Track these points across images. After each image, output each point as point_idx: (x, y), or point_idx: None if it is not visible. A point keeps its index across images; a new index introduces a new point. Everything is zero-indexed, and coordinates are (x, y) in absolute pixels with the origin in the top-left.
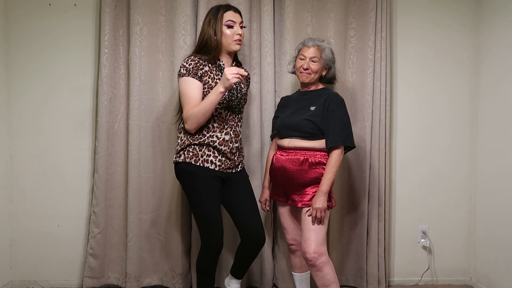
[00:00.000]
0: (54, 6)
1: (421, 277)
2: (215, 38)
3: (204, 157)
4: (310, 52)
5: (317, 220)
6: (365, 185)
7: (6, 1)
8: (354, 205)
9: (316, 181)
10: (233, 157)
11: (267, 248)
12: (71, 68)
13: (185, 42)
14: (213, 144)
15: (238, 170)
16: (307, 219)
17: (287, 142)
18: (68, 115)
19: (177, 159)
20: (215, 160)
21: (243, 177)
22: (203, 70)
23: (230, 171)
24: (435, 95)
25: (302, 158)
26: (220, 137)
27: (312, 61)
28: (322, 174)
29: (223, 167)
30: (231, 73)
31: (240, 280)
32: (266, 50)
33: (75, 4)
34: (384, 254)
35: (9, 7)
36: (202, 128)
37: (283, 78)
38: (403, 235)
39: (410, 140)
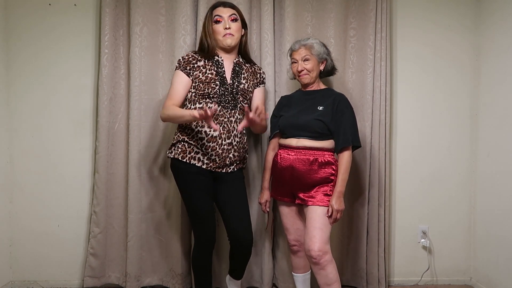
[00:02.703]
0: (54, 6)
1: (421, 277)
2: (206, 38)
3: (192, 154)
4: (299, 53)
5: (332, 220)
6: (365, 185)
7: (6, 1)
8: (354, 205)
9: (325, 181)
10: (224, 154)
11: (267, 248)
12: (71, 68)
13: (185, 42)
14: (202, 141)
15: (229, 170)
16: (313, 218)
17: (295, 141)
18: (68, 115)
19: (169, 154)
20: (203, 158)
21: (235, 177)
22: (196, 65)
23: (219, 170)
24: (435, 95)
25: (312, 158)
26: (209, 133)
27: (305, 60)
28: (330, 174)
29: (211, 166)
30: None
31: (239, 281)
32: (266, 50)
33: (75, 4)
34: (384, 254)
35: (9, 7)
36: (191, 122)
37: (283, 78)
38: (403, 235)
39: (410, 140)
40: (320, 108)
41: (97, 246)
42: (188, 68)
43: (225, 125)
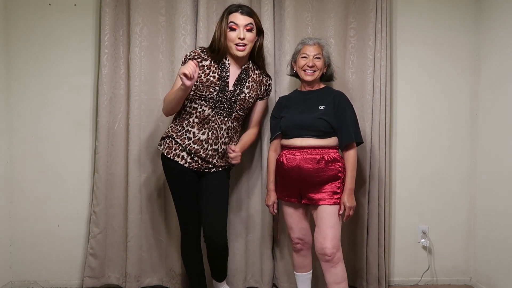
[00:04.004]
0: (54, 6)
1: (421, 277)
2: (219, 41)
3: (177, 151)
4: (312, 50)
5: (345, 217)
6: (365, 185)
7: (6, 1)
8: None
9: (333, 178)
10: (208, 158)
11: (267, 248)
12: (71, 68)
13: (185, 42)
14: (189, 141)
15: (212, 170)
16: (324, 217)
17: (299, 141)
18: (68, 115)
19: (158, 147)
20: (186, 157)
21: (218, 177)
22: (200, 64)
23: (201, 170)
24: (435, 95)
25: (318, 156)
26: (197, 136)
27: (316, 58)
28: (338, 171)
29: (193, 166)
30: (181, 72)
31: (222, 282)
32: (266, 50)
33: (75, 4)
34: (384, 254)
35: (9, 7)
36: (183, 121)
37: (283, 78)
38: (403, 235)
39: (410, 140)
40: (322, 107)
41: (97, 246)
42: None
43: (214, 131)
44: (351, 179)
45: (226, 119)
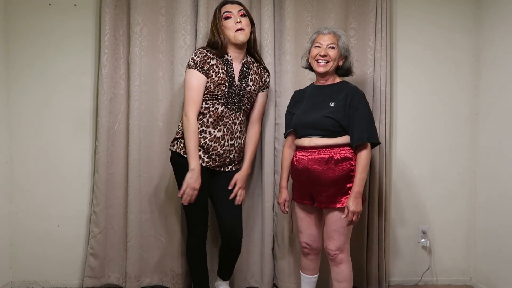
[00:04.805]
0: (54, 6)
1: (421, 277)
2: (218, 36)
3: None
4: (326, 39)
5: (348, 223)
6: (365, 185)
7: (6, 1)
8: None
9: (344, 178)
10: (225, 154)
11: (267, 248)
12: (71, 68)
13: (185, 42)
14: (204, 140)
15: (227, 170)
16: (331, 220)
17: (307, 141)
18: (68, 115)
19: (171, 147)
20: (203, 156)
21: (231, 176)
22: (210, 64)
23: (218, 169)
24: (435, 95)
25: (326, 156)
26: (213, 134)
27: (330, 47)
28: (349, 170)
29: (210, 165)
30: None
31: (227, 282)
32: (266, 50)
33: (75, 4)
34: (384, 254)
35: (9, 8)
36: (197, 121)
37: (283, 78)
38: (403, 235)
39: (410, 140)
40: (332, 104)
41: (97, 246)
42: (206, 68)
43: (229, 127)
44: (360, 182)
45: (238, 113)
